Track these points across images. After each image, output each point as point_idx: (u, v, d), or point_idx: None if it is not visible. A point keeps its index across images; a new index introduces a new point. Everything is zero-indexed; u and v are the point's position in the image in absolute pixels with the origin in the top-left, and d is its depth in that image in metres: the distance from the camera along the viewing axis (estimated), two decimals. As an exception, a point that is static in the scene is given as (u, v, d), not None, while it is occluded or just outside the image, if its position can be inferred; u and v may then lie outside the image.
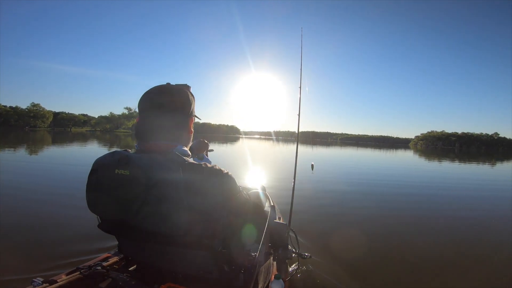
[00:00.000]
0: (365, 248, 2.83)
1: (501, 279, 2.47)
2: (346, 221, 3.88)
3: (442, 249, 3.03)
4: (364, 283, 2.22)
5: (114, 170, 0.79)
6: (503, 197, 6.71)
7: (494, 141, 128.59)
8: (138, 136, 0.90)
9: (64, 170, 7.17)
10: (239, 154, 16.74)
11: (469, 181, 9.10)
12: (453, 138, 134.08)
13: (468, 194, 6.87)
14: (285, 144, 38.08)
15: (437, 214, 4.60)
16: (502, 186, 8.54)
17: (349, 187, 6.49)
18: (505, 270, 2.64)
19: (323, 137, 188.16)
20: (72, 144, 17.70)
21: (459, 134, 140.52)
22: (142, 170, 0.77)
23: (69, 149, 13.76)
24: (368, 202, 5.11)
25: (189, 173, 0.79)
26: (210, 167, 0.84)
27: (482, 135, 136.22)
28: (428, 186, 7.68)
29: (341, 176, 8.79)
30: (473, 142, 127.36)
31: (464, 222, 4.16)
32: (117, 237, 1.00)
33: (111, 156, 0.83)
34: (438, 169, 13.54)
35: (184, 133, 0.94)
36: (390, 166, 13.51)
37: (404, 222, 4.01)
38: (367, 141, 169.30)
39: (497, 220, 4.40)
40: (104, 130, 77.89)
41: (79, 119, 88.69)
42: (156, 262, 0.98)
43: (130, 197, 0.79)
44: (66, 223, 3.08)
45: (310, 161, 9.72)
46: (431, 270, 2.50)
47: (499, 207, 5.51)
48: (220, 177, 0.85)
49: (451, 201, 5.81)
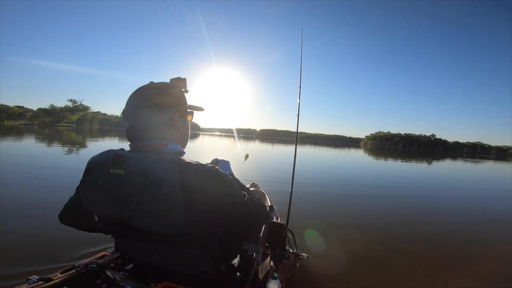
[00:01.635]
0: (362, 248, 2.85)
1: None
2: (344, 221, 3.86)
3: (441, 248, 3.01)
4: (361, 284, 2.20)
5: (109, 170, 0.79)
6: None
7: (431, 141, 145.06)
8: (128, 139, 0.89)
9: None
10: (204, 151, 15.88)
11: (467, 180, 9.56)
12: (397, 138, 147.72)
13: (473, 194, 7.09)
14: (246, 142, 37.93)
15: (435, 215, 4.62)
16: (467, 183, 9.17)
17: (342, 187, 6.46)
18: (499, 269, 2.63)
19: (283, 135, 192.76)
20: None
21: (402, 135, 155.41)
22: (138, 169, 0.76)
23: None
24: (365, 202, 5.14)
25: (185, 172, 0.78)
26: (206, 166, 0.82)
27: (421, 136, 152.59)
28: (430, 187, 7.89)
29: (330, 176, 8.60)
30: (414, 142, 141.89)
31: (468, 221, 4.30)
32: (113, 236, 0.97)
33: (106, 155, 0.83)
34: (433, 171, 14.26)
35: (172, 131, 0.92)
36: (372, 166, 13.81)
37: (401, 222, 4.02)
38: (324, 140, 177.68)
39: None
40: (43, 123, 69.26)
41: (13, 111, 77.14)
42: (153, 261, 0.97)
43: (125, 196, 0.78)
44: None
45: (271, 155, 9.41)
46: (429, 269, 2.49)
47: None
48: (216, 177, 0.82)
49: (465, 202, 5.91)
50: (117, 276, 0.89)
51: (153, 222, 0.78)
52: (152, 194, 0.75)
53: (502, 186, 9.43)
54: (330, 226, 3.50)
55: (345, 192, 6.04)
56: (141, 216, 0.78)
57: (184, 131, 0.97)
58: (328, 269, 2.30)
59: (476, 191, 7.56)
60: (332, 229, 3.40)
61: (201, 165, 0.82)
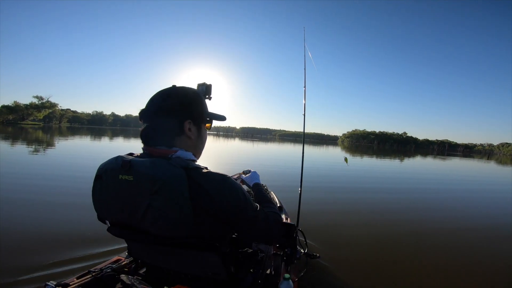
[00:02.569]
0: (375, 248, 2.82)
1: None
2: (356, 221, 3.80)
3: (456, 252, 2.97)
4: (374, 284, 2.17)
5: (118, 176, 0.80)
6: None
7: (403, 139, 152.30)
8: (141, 140, 0.91)
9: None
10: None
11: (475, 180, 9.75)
12: (372, 136, 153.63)
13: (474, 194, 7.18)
14: (226, 139, 37.55)
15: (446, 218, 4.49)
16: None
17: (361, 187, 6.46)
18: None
19: (263, 133, 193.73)
20: None
21: (377, 133, 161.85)
22: (146, 174, 0.77)
23: None
24: (378, 201, 5.13)
25: (193, 176, 0.79)
26: (215, 173, 0.84)
27: (394, 134, 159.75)
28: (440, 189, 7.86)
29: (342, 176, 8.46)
30: (388, 140, 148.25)
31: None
32: (126, 240, 0.98)
33: (114, 161, 0.83)
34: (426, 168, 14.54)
35: (183, 138, 0.91)
36: (385, 168, 13.81)
37: (418, 222, 3.96)
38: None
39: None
40: (5, 121, 64.18)
41: (-30, 109, 70.66)
42: (164, 264, 0.98)
43: (134, 202, 0.79)
44: (77, 226, 2.97)
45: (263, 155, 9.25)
46: (443, 271, 2.47)
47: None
48: (225, 183, 0.83)
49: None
50: (131, 280, 0.89)
51: (162, 226, 0.78)
52: (160, 199, 0.75)
53: (503, 185, 9.85)
54: (339, 226, 3.49)
55: (352, 192, 6.01)
56: (150, 221, 0.78)
57: (196, 140, 0.95)
58: (339, 269, 2.29)
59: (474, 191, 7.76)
60: (342, 229, 3.39)
61: (209, 171, 0.83)
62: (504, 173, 15.14)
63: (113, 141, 19.10)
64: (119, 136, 28.15)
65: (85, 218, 3.11)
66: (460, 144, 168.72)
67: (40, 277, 1.95)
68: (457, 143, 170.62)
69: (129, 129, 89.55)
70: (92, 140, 17.94)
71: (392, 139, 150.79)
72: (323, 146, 42.83)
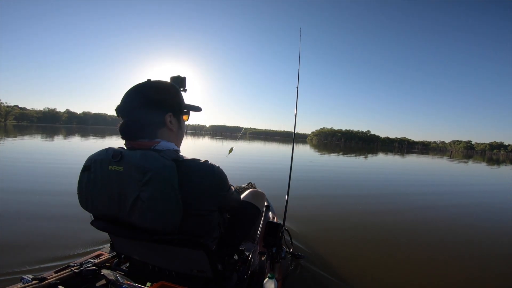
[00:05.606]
0: (359, 248, 2.80)
1: None
2: (342, 221, 3.72)
3: (440, 250, 2.91)
4: (357, 283, 2.08)
5: (108, 167, 0.80)
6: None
7: (368, 137, 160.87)
8: (121, 135, 0.89)
9: None
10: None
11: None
12: (339, 135, 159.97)
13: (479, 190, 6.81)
14: (195, 137, 36.18)
15: (439, 213, 4.50)
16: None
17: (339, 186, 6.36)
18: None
19: (233, 131, 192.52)
20: None
21: (343, 131, 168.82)
22: (136, 165, 0.76)
23: None
24: (365, 201, 5.04)
25: (183, 168, 0.80)
26: (203, 162, 0.85)
27: (359, 132, 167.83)
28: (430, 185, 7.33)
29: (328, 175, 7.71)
30: (353, 137, 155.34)
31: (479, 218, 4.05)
32: (110, 234, 0.97)
33: (105, 152, 0.83)
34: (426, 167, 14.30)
35: (164, 130, 0.91)
36: (368, 164, 13.37)
37: (400, 220, 3.91)
38: (273, 136, 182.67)
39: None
40: None
41: None
42: (149, 260, 0.97)
43: (123, 192, 0.78)
44: (58, 219, 2.87)
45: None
46: (427, 268, 2.42)
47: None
48: (213, 172, 0.85)
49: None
50: (112, 275, 0.86)
51: (150, 219, 0.76)
52: (149, 190, 0.75)
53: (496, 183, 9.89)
54: (325, 225, 3.44)
55: (339, 189, 5.96)
56: (138, 213, 0.76)
57: (177, 132, 0.96)
58: (324, 268, 2.25)
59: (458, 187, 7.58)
60: (328, 229, 3.33)
61: (198, 161, 0.84)
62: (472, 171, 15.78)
63: (67, 140, 16.79)
64: (75, 134, 25.23)
65: (66, 211, 3.04)
66: (417, 142, 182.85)
67: (16, 271, 1.83)
68: (415, 141, 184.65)
69: (86, 127, 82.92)
70: (44, 139, 15.63)
71: (358, 137, 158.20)
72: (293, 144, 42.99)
